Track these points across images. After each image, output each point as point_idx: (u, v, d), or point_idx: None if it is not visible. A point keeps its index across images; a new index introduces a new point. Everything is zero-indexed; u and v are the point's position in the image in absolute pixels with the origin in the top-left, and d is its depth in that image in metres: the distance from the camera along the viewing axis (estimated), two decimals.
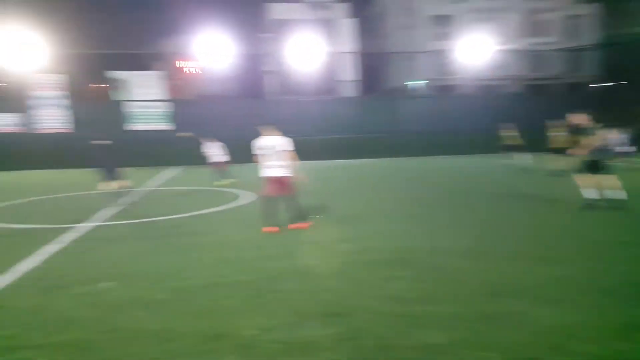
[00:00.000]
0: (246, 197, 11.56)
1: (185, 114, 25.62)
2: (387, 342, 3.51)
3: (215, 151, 14.78)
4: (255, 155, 7.43)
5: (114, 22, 21.68)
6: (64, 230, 8.00)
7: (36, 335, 3.78)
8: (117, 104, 25.86)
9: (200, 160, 21.90)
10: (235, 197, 11.66)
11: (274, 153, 7.31)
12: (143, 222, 8.72)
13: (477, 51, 27.32)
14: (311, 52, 26.12)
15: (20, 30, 21.21)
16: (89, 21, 21.02)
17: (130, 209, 10.38)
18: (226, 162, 14.74)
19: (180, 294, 4.68)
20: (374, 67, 40.83)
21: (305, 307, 4.24)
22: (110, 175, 10.91)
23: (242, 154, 24.85)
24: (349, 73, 36.45)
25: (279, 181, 7.39)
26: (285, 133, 7.57)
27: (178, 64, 28.51)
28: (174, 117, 25.89)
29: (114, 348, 3.54)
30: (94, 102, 28.72)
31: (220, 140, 15.28)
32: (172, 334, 3.75)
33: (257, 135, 7.58)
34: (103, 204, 10.68)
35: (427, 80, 37.19)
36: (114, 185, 11.11)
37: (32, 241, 7.20)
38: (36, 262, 6.01)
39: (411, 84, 37.89)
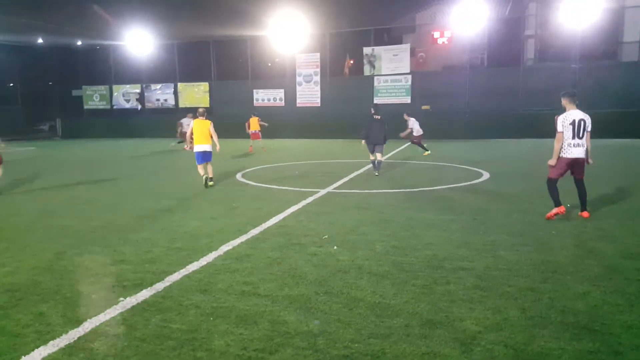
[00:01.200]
0: (487, 175, 10.78)
1: (426, 87, 25.60)
2: None
3: (416, 126, 15.88)
4: (560, 132, 6.44)
5: None
6: (308, 193, 8.97)
7: (270, 286, 4.25)
8: (368, 79, 27.72)
9: (433, 134, 21.52)
10: (479, 175, 10.97)
11: (582, 130, 6.42)
12: (374, 192, 9.06)
13: None
14: (584, 9, 22.19)
15: (286, 12, 24.70)
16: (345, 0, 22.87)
17: (367, 179, 10.94)
18: (421, 136, 16.06)
19: (402, 270, 4.57)
20: None
21: (542, 311, 3.55)
22: (371, 148, 11.46)
23: (502, 127, 23.61)
24: (635, 32, 29.62)
25: (577, 163, 6.50)
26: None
27: (433, 34, 28.31)
28: (414, 90, 26.19)
29: (331, 312, 3.67)
30: (346, 78, 31.49)
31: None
32: (388, 310, 3.67)
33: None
34: (343, 172, 11.66)
35: None
36: (373, 157, 11.59)
37: (281, 201, 8.32)
38: (280, 220, 6.88)
39: None
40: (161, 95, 33.30)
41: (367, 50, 27.70)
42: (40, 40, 32.05)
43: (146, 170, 13.87)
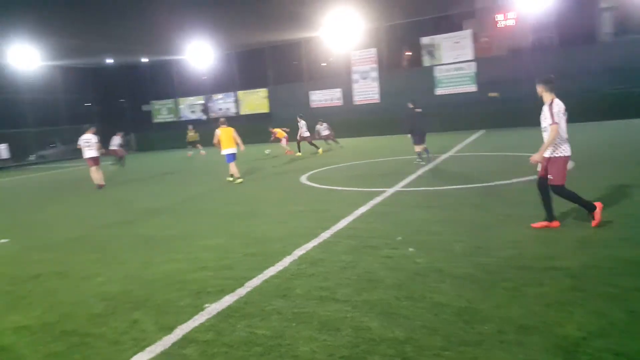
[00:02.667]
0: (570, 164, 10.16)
1: (492, 73, 24.61)
2: None
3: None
4: (556, 123, 5.34)
5: None
6: (374, 193, 8.91)
7: (347, 291, 4.26)
8: (428, 69, 27.10)
9: (502, 122, 20.61)
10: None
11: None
12: (445, 189, 8.82)
13: None
14: None
15: (338, 10, 24.70)
16: None
17: (434, 175, 10.70)
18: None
19: (487, 272, 4.41)
20: None
21: None
22: (419, 140, 12.37)
23: (580, 109, 22.15)
24: None
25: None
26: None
27: (496, 17, 27.11)
28: (479, 77, 25.26)
29: (415, 317, 3.60)
30: (405, 71, 30.98)
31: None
32: (477, 316, 3.54)
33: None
34: (408, 169, 11.48)
35: None
36: (419, 149, 12.46)
37: (348, 202, 8.33)
38: (350, 222, 6.88)
39: None
40: (223, 104, 34.54)
41: (425, 40, 27.09)
42: (110, 61, 34.30)
43: (217, 179, 14.42)
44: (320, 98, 30.65)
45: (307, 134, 19.31)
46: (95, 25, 23.16)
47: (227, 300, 4.26)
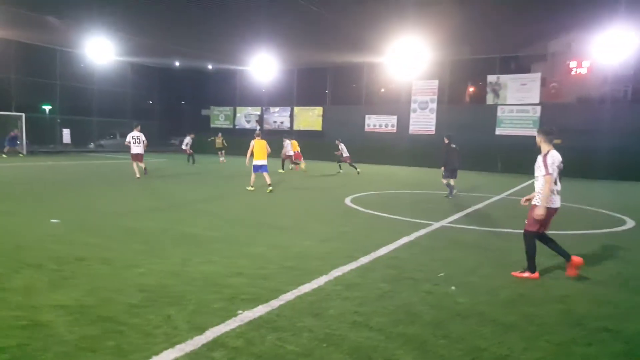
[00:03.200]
0: (631, 222, 9.59)
1: (557, 119, 23.81)
2: None
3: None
4: (550, 174, 5.53)
5: (500, 26, 22.05)
6: (419, 225, 8.74)
7: (382, 320, 4.15)
8: (491, 107, 26.63)
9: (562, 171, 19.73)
10: (622, 222, 9.83)
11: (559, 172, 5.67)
12: (495, 231, 8.52)
13: None
14: None
15: (405, 39, 24.78)
16: (468, 27, 22.23)
17: (485, 215, 10.38)
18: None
19: (532, 323, 4.18)
20: None
21: None
22: (449, 174, 13.13)
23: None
24: None
25: (554, 214, 5.77)
26: None
27: (569, 64, 26.40)
28: (542, 121, 24.52)
29: (451, 358, 3.46)
30: (465, 106, 30.55)
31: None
32: None
33: None
34: (458, 205, 11.21)
35: None
36: (446, 182, 13.17)
37: (391, 230, 8.20)
38: (391, 250, 6.76)
39: None
40: (278, 117, 35.26)
41: (491, 78, 26.72)
42: (177, 63, 35.93)
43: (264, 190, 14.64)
44: (375, 123, 30.70)
45: (347, 154, 20.16)
46: (169, 28, 24.36)
47: (260, 310, 4.25)
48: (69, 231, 7.34)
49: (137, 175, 15.52)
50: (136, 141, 15.52)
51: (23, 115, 28.15)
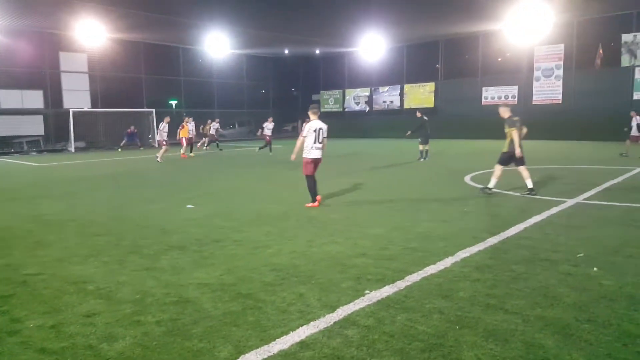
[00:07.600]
0: None
1: None
2: None
3: None
4: None
5: None
6: (551, 202, 8.13)
7: (518, 303, 3.95)
8: (627, 70, 23.64)
9: None
10: None
11: None
12: (636, 206, 7.60)
13: None
14: None
15: (526, 3, 22.75)
16: None
17: (628, 190, 9.31)
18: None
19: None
20: None
21: None
22: (425, 141, 16.48)
23: None
24: None
25: None
26: None
27: None
28: None
29: (599, 344, 3.20)
30: (596, 71, 27.36)
31: None
32: None
33: None
34: (594, 180, 10.21)
35: None
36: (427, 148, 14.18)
37: (520, 209, 7.75)
38: (521, 230, 6.38)
39: None
40: (388, 97, 34.85)
41: (626, 37, 23.63)
42: (286, 51, 37.15)
43: (387, 168, 14.66)
44: (493, 95, 28.93)
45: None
46: (279, 18, 25.23)
47: (387, 290, 4.30)
48: (204, 216, 8.05)
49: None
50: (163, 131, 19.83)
51: (153, 110, 31.21)
